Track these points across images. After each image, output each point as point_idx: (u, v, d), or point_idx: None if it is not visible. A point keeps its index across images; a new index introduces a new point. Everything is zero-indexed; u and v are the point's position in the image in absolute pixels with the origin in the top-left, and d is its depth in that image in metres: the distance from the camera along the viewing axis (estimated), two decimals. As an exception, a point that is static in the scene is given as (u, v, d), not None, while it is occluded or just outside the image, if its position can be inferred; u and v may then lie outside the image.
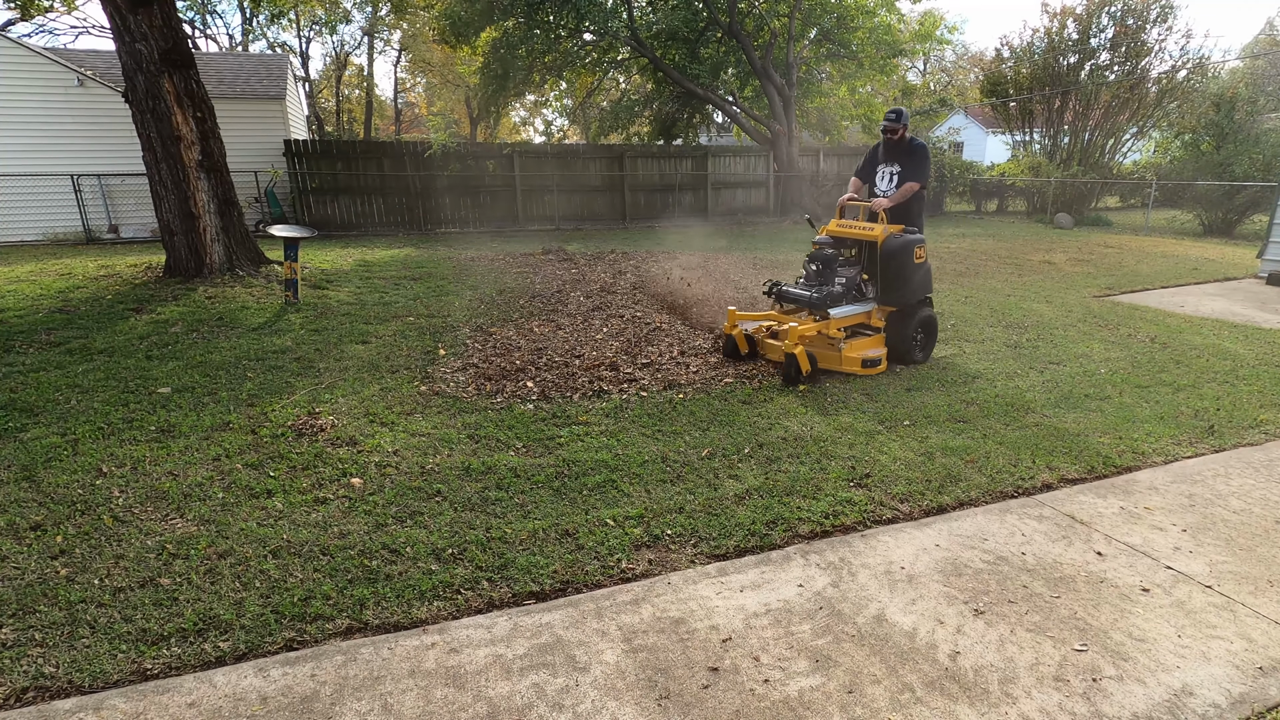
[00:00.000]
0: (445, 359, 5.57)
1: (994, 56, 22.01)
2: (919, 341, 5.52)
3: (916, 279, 5.32)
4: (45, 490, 3.37)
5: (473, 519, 3.18)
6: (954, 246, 12.91)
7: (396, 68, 36.92)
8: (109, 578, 2.71)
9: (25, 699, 2.15)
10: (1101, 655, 2.36)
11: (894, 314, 5.47)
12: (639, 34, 16.48)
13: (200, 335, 6.03)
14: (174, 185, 7.76)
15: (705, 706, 2.13)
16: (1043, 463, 3.82)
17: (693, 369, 5.36)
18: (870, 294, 5.51)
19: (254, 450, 3.84)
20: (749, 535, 3.08)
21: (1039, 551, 2.99)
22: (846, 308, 5.34)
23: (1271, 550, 3.00)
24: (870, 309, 5.47)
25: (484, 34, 16.54)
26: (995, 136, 28.22)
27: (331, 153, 15.44)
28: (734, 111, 18.84)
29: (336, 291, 8.05)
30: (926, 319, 5.54)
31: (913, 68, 34.43)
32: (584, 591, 2.71)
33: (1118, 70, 18.17)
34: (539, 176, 16.78)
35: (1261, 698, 2.18)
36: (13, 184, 13.18)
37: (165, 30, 7.45)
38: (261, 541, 2.97)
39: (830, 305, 5.25)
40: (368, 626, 2.49)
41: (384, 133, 37.54)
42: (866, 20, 17.22)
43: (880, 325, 5.51)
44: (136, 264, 9.14)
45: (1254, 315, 7.50)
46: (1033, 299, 8.10)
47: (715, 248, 12.51)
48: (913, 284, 5.31)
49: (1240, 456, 3.96)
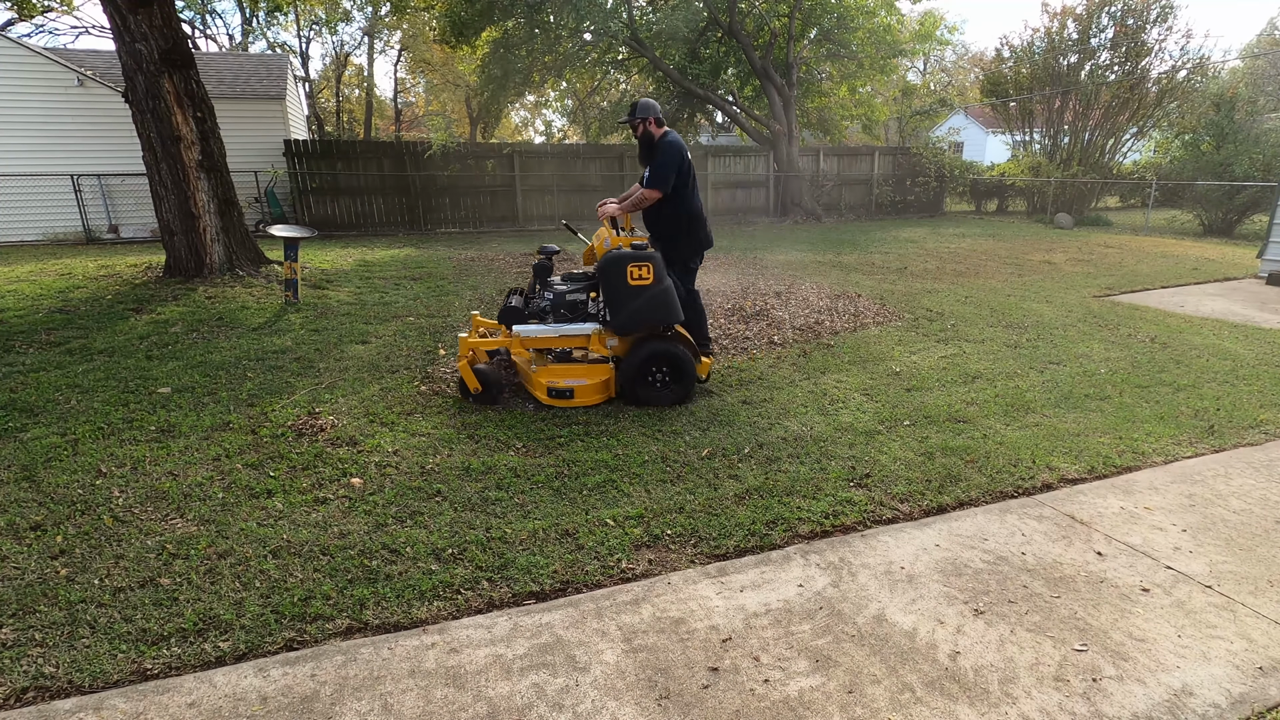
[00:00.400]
0: (445, 359, 5.57)
1: (994, 56, 22.03)
2: (658, 380, 4.59)
3: (638, 303, 4.43)
4: (45, 490, 3.37)
5: (473, 519, 3.18)
6: (954, 246, 12.91)
7: (396, 68, 36.96)
8: (109, 578, 2.71)
9: (25, 699, 2.15)
10: (1101, 655, 2.36)
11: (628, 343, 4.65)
12: (639, 34, 16.48)
13: (200, 335, 6.04)
14: (174, 185, 7.76)
15: (705, 706, 2.13)
16: (1043, 463, 3.82)
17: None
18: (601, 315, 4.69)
19: (254, 450, 3.84)
20: (749, 535, 3.08)
21: (1039, 551, 2.99)
22: (536, 326, 4.61)
23: (1271, 550, 3.00)
24: (587, 332, 4.63)
25: (484, 34, 16.54)
26: (995, 136, 28.23)
27: (331, 153, 15.45)
28: (734, 111, 18.84)
29: (336, 291, 8.06)
30: (665, 354, 4.52)
31: (912, 68, 34.43)
32: (584, 591, 2.71)
33: (1118, 70, 18.17)
34: (539, 176, 16.78)
35: (1261, 698, 2.18)
36: (13, 184, 13.19)
37: (165, 30, 7.45)
38: (261, 541, 2.97)
39: (512, 321, 4.69)
40: (368, 626, 2.49)
41: (384, 133, 37.53)
42: (866, 20, 17.22)
43: (606, 353, 4.69)
44: (136, 264, 9.14)
45: (1254, 315, 7.50)
46: (1033, 299, 8.10)
47: (715, 247, 12.50)
48: (630, 308, 4.44)
49: (1240, 456, 3.96)
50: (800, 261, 10.61)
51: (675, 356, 4.55)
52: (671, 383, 4.62)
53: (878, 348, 6.05)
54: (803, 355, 5.80)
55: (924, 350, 5.99)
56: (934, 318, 7.12)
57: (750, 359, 5.72)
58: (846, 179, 20.06)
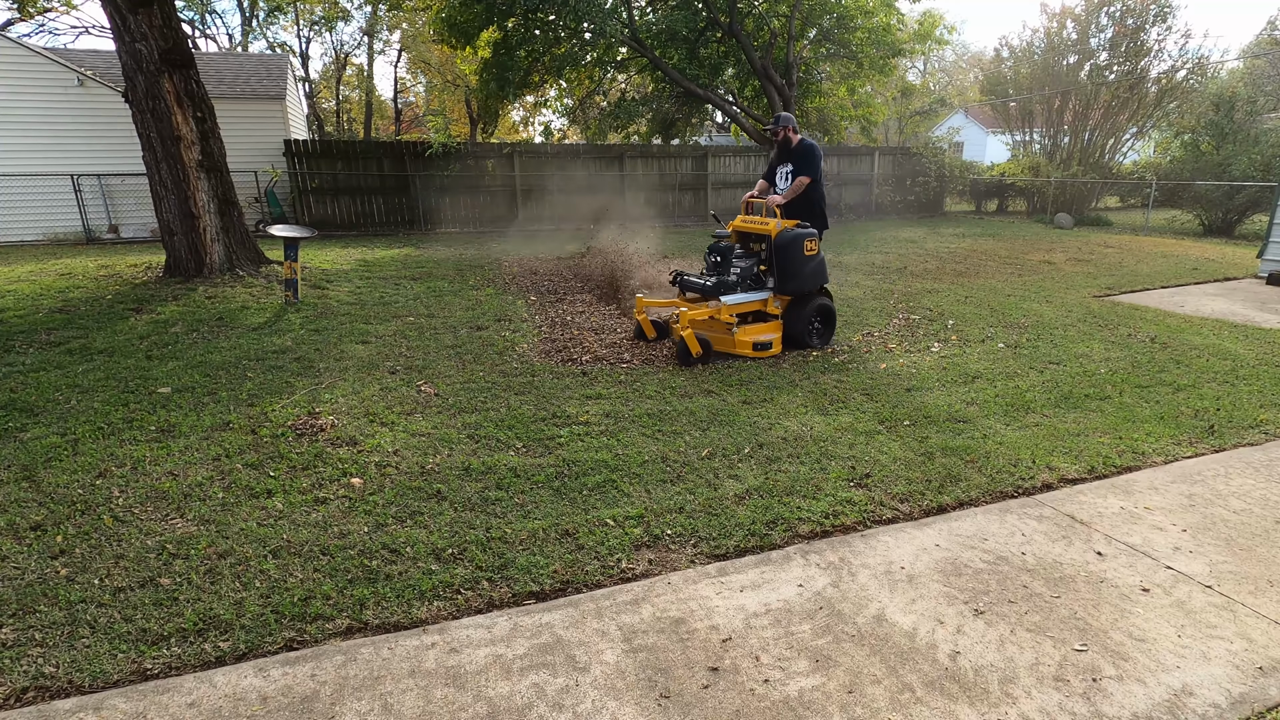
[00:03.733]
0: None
1: (994, 56, 22.04)
2: (815, 329, 5.96)
3: (808, 269, 5.70)
4: (45, 490, 3.36)
5: (473, 519, 3.18)
6: (954, 246, 12.91)
7: (396, 68, 36.96)
8: (109, 578, 2.71)
9: (25, 699, 2.15)
10: (1101, 655, 2.36)
11: (790, 302, 5.86)
12: (638, 34, 16.48)
13: (200, 335, 6.03)
14: (174, 185, 7.76)
15: (705, 706, 2.13)
16: (1043, 463, 3.82)
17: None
18: (769, 283, 5.83)
19: (254, 450, 3.84)
20: (749, 535, 3.08)
21: (1039, 551, 2.99)
22: (739, 295, 5.70)
23: (1271, 550, 3.00)
24: (766, 297, 5.82)
25: (484, 34, 16.53)
26: (995, 136, 28.21)
27: (331, 153, 15.44)
28: (734, 111, 18.82)
29: (336, 291, 8.05)
30: (822, 307, 5.93)
31: (912, 68, 34.43)
32: (584, 591, 2.71)
33: (1117, 70, 18.17)
34: (539, 176, 16.77)
35: (1261, 698, 2.18)
36: (13, 184, 13.18)
37: (165, 30, 7.45)
38: (261, 541, 2.97)
39: (723, 293, 5.66)
40: (368, 626, 2.49)
41: (384, 133, 37.52)
42: (866, 20, 17.21)
43: (777, 313, 5.88)
44: (136, 264, 9.14)
45: (1254, 315, 7.50)
46: (1033, 299, 8.10)
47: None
48: (804, 274, 5.70)
49: (1240, 456, 3.96)
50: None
51: (828, 309, 6.01)
52: (824, 328, 6.00)
53: (878, 348, 6.05)
54: (803, 356, 5.80)
55: (924, 350, 5.99)
56: (934, 318, 7.12)
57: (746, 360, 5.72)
58: (846, 179, 20.06)
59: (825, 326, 6.00)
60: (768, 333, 5.72)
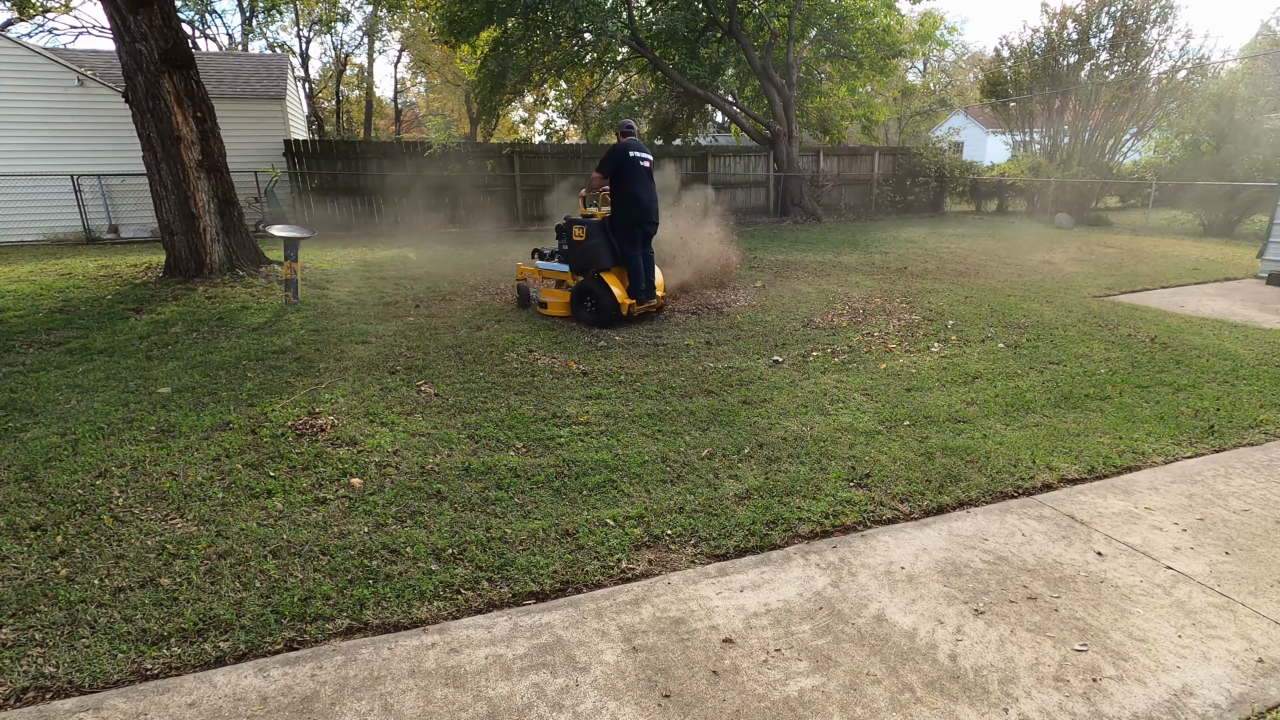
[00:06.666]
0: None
1: (994, 56, 22.03)
2: (589, 306, 6.71)
3: (574, 254, 6.70)
4: (45, 490, 3.36)
5: (473, 519, 3.18)
6: (954, 246, 12.90)
7: (396, 68, 37.01)
8: (109, 578, 2.71)
9: (25, 699, 2.15)
10: (1101, 655, 2.36)
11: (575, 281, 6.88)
12: (638, 34, 16.47)
13: (200, 335, 6.03)
14: (174, 185, 7.76)
15: (705, 706, 2.13)
16: (1043, 463, 3.81)
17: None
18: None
19: (254, 450, 3.84)
20: (749, 535, 3.08)
21: (1039, 551, 2.99)
22: (546, 263, 7.20)
23: (1271, 550, 3.00)
24: (565, 269, 6.97)
25: (484, 33, 16.53)
26: (995, 136, 28.23)
27: (331, 153, 15.44)
28: (734, 111, 18.83)
29: (336, 291, 8.05)
30: (588, 289, 6.67)
31: (912, 68, 34.42)
32: (584, 591, 2.71)
33: (1118, 70, 18.17)
34: (539, 176, 16.77)
35: (1261, 698, 2.18)
36: (13, 184, 13.18)
37: (165, 30, 7.45)
38: (261, 541, 2.97)
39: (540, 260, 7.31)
40: (368, 626, 2.49)
41: (384, 133, 37.53)
42: (866, 21, 17.21)
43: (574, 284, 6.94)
44: (136, 264, 9.14)
45: (1254, 315, 7.50)
46: (1033, 299, 8.10)
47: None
48: (571, 256, 6.76)
49: (1240, 456, 3.96)
50: (800, 262, 10.60)
51: (597, 293, 6.62)
52: (596, 310, 6.65)
53: (878, 348, 6.05)
54: (803, 356, 5.80)
55: (924, 350, 5.99)
56: (934, 318, 7.11)
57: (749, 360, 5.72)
58: (846, 179, 20.06)
59: (596, 309, 6.62)
60: (555, 298, 6.94)
